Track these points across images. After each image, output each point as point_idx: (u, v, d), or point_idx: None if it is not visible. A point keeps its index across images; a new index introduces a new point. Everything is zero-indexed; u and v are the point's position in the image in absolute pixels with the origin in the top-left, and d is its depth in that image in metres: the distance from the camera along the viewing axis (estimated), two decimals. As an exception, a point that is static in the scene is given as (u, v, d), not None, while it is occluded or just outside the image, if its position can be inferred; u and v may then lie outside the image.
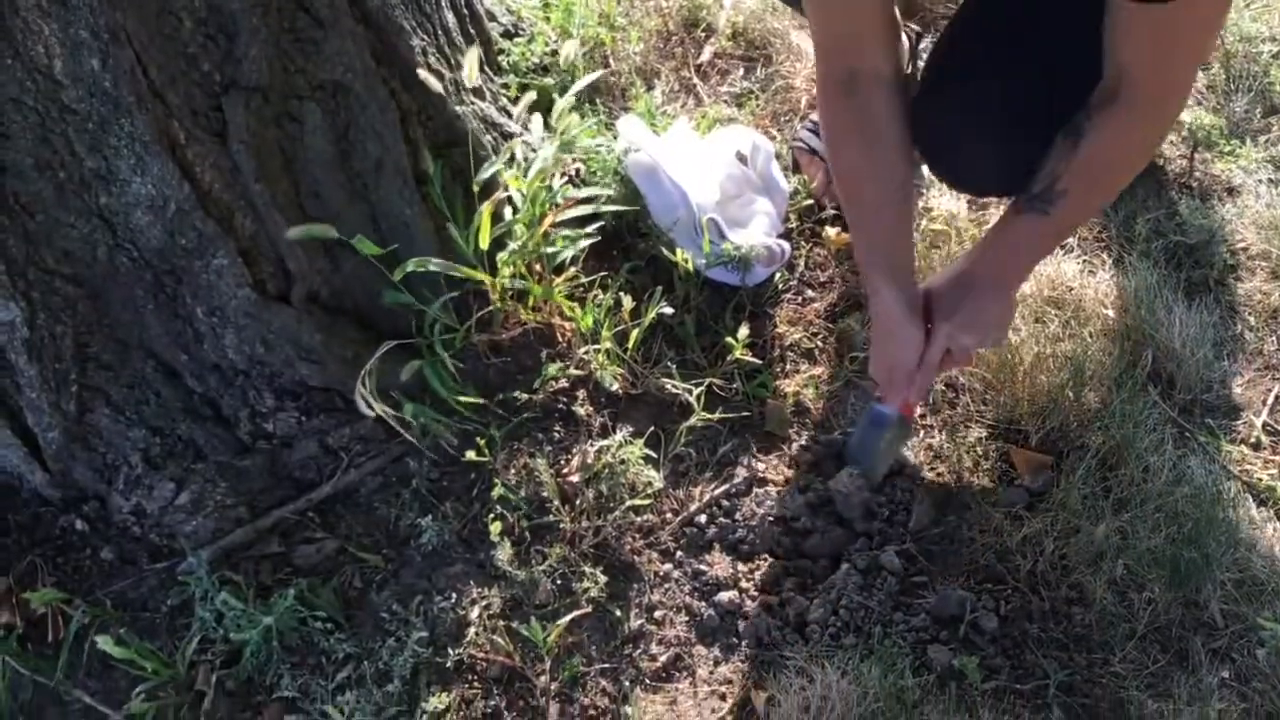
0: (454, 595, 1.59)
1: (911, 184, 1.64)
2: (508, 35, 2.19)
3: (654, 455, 1.73)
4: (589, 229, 1.83)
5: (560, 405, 1.76)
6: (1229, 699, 1.55)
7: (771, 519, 1.74)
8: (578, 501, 1.65)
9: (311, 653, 1.55)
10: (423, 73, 1.61)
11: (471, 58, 1.64)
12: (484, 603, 1.58)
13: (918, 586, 1.67)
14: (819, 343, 1.98)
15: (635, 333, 1.77)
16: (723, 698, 1.55)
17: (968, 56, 1.61)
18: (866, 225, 1.61)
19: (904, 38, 2.16)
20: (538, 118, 1.86)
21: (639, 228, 1.97)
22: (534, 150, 1.80)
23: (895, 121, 1.51)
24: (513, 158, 1.74)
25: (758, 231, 1.95)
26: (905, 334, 1.57)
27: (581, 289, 1.86)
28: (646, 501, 1.68)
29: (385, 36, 1.67)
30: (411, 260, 1.62)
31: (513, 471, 1.69)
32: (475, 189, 1.71)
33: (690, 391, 1.78)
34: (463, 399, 1.70)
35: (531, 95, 1.73)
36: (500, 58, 2.12)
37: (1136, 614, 1.62)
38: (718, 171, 1.99)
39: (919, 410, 1.84)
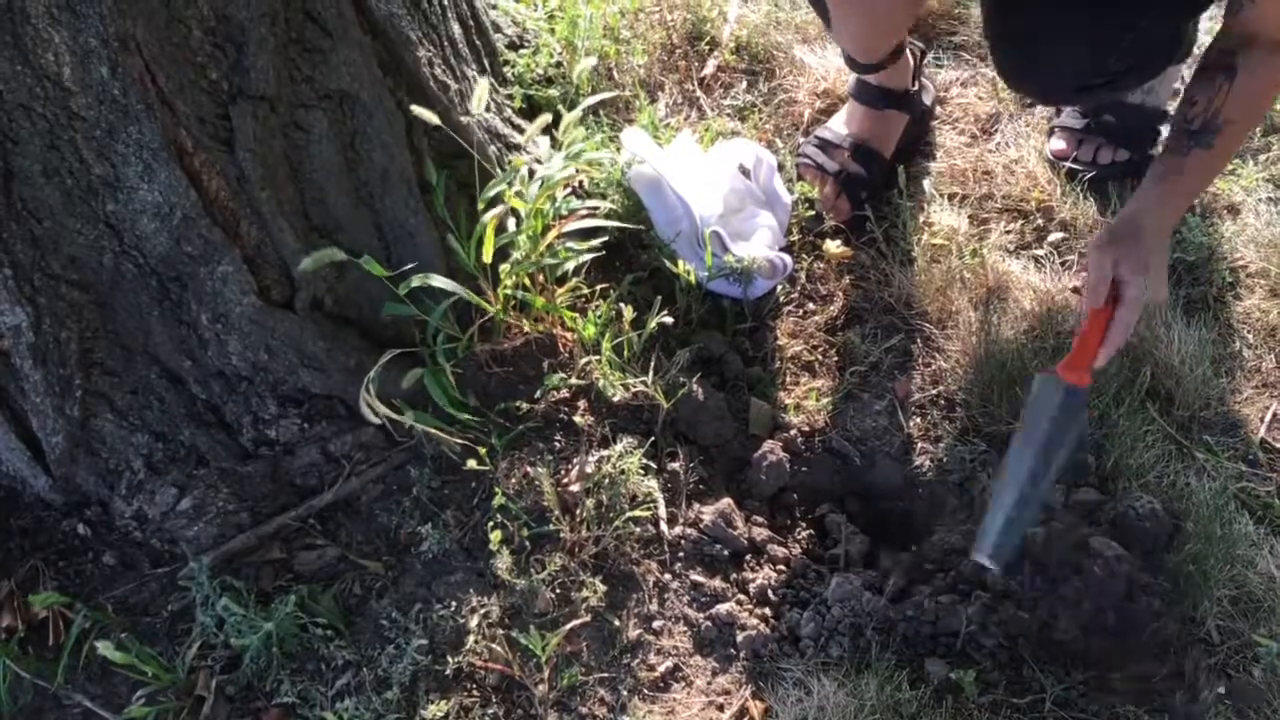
0: (454, 603, 1.59)
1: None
2: (513, 47, 2.21)
3: (653, 466, 1.73)
4: (593, 241, 1.84)
5: (561, 415, 1.76)
6: (1225, 715, 1.55)
7: (767, 535, 1.75)
8: (578, 511, 1.66)
9: (311, 659, 1.55)
10: (415, 108, 1.61)
11: (481, 88, 1.65)
12: (483, 611, 1.58)
13: (915, 599, 1.68)
14: (819, 355, 1.99)
15: (635, 341, 1.78)
16: (720, 708, 1.56)
17: None
18: None
19: (908, 55, 2.18)
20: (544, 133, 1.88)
21: (642, 239, 1.98)
22: (539, 162, 1.81)
23: None
24: (518, 172, 1.75)
25: (760, 244, 1.96)
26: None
27: (584, 300, 1.87)
28: (646, 513, 1.69)
29: (392, 47, 1.68)
30: (415, 276, 1.63)
31: (513, 480, 1.69)
32: (480, 205, 1.72)
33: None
34: (463, 408, 1.71)
35: (546, 118, 1.74)
36: (505, 69, 2.13)
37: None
38: (721, 184, 2.00)
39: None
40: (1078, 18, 1.61)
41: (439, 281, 1.64)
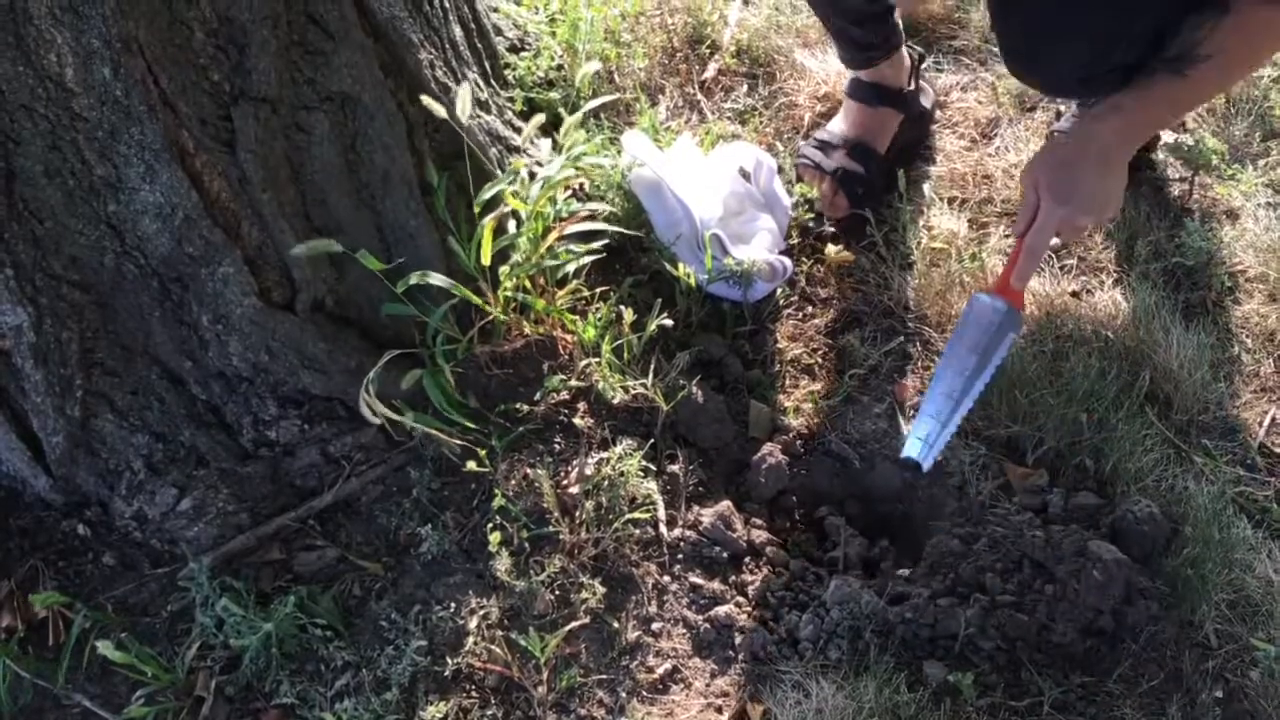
0: (453, 605, 1.59)
1: None
2: (514, 50, 2.21)
3: (653, 468, 1.74)
4: (593, 244, 1.84)
5: (561, 417, 1.77)
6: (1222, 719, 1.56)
7: (766, 537, 1.76)
8: (577, 513, 1.66)
9: (310, 660, 1.55)
10: (425, 99, 1.61)
11: (464, 94, 1.65)
12: (482, 612, 1.59)
13: (913, 602, 1.68)
14: (819, 358, 1.99)
15: (635, 344, 1.79)
16: (719, 710, 1.56)
17: None
18: None
19: (906, 57, 2.18)
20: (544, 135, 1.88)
21: (642, 242, 1.99)
22: (539, 164, 1.81)
23: None
24: (518, 174, 1.76)
25: (760, 247, 1.97)
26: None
27: (584, 302, 1.87)
28: (645, 515, 1.69)
29: (394, 49, 1.68)
30: (414, 274, 1.63)
31: (513, 482, 1.70)
32: (478, 207, 1.72)
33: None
34: (462, 410, 1.71)
35: (540, 118, 1.74)
36: (506, 71, 2.14)
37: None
38: (721, 187, 2.01)
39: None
40: (1076, 17, 1.62)
41: (437, 279, 1.65)
